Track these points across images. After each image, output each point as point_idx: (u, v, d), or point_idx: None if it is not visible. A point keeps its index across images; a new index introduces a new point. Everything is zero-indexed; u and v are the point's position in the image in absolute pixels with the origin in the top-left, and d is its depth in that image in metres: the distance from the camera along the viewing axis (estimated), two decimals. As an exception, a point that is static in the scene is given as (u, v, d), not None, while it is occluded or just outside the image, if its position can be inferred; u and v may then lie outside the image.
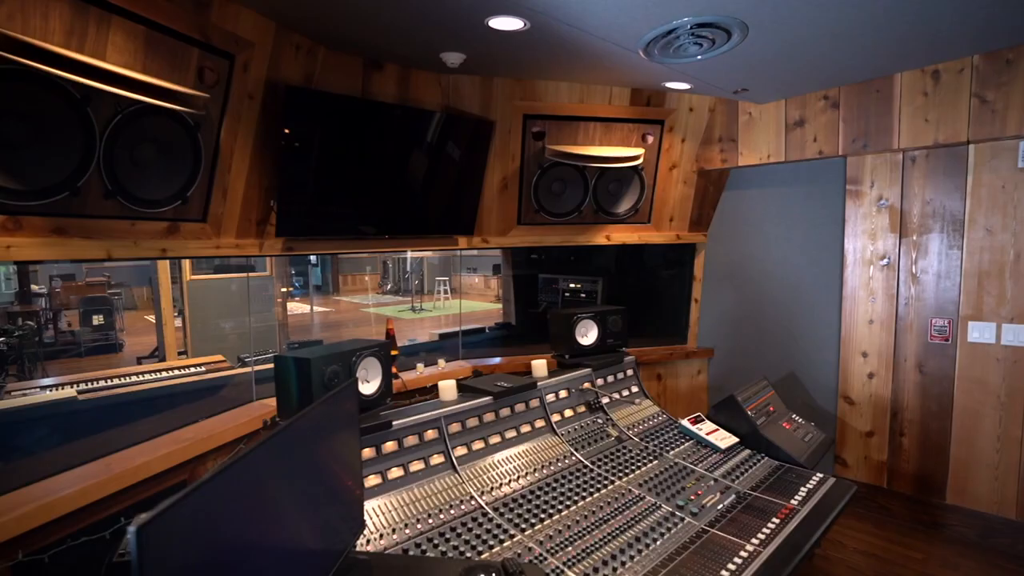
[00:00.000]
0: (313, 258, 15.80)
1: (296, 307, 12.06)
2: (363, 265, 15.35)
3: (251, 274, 7.07)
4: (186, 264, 5.81)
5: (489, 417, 2.16)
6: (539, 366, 2.49)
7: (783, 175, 3.48)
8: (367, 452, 1.79)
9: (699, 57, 2.30)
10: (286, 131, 2.34)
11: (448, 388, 2.14)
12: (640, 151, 3.27)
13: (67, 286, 6.76)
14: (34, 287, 7.55)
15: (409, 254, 12.40)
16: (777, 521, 1.90)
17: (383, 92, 2.75)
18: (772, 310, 3.61)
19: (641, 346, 3.71)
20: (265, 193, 2.46)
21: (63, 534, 1.62)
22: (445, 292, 12.13)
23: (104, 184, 1.78)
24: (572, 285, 4.46)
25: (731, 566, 1.64)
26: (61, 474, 1.72)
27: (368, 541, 1.60)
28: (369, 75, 2.69)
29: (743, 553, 1.70)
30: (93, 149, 1.72)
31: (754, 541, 1.78)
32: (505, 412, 2.21)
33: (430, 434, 1.96)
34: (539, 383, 2.38)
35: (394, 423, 1.86)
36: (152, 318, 5.86)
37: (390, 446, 1.84)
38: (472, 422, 2.09)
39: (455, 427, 2.04)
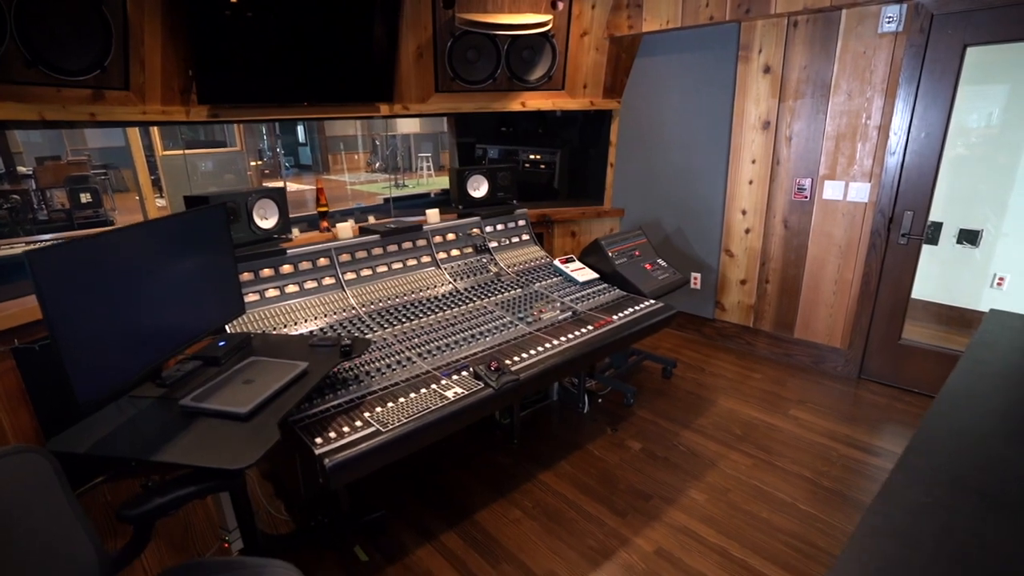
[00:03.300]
0: (301, 137, 15.80)
1: (290, 185, 12.36)
2: (352, 144, 15.35)
3: (221, 149, 7.37)
4: (156, 139, 6.14)
5: (378, 251, 2.66)
6: (432, 214, 2.95)
7: (689, 41, 3.65)
8: (267, 271, 2.31)
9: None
10: (191, 4, 2.59)
11: (344, 228, 2.62)
12: (548, 17, 3.45)
13: (50, 165, 7.14)
14: (20, 169, 8.04)
15: (387, 129, 12.40)
16: (591, 328, 2.46)
17: (288, -39, 2.92)
18: (674, 172, 3.97)
19: (574, 207, 4.18)
20: (183, 64, 2.76)
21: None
22: (428, 169, 12.32)
23: (23, 54, 2.13)
24: (532, 156, 4.76)
25: (533, 352, 2.21)
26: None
27: (263, 332, 2.17)
28: (272, -56, 2.85)
29: (547, 345, 2.27)
30: (5, 22, 2.04)
31: (563, 339, 2.34)
32: (393, 248, 2.71)
33: (322, 261, 2.48)
34: (426, 226, 2.85)
35: (289, 251, 2.37)
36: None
37: (287, 268, 2.37)
38: (361, 254, 2.60)
39: (346, 257, 2.55)
